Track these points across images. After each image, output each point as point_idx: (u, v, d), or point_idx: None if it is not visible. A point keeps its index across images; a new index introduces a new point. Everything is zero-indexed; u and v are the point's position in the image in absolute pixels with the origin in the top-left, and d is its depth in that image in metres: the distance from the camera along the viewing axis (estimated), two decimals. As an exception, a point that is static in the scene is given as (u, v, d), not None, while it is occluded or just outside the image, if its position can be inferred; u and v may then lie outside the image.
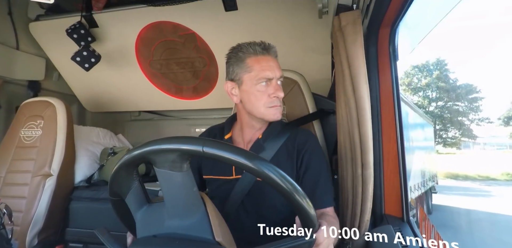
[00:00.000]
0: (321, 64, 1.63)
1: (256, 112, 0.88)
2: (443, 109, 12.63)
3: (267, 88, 0.86)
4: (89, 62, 1.62)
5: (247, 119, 0.93)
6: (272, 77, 0.86)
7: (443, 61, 13.25)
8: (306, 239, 0.46)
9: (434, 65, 13.26)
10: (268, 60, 0.86)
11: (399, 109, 0.99)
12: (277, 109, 0.88)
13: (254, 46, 0.86)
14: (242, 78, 0.87)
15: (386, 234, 0.56)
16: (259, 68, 0.85)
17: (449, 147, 12.05)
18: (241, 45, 0.88)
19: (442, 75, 13.12)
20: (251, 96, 0.87)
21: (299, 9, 1.42)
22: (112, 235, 0.56)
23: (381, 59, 1.01)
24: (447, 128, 12.34)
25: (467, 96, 12.01)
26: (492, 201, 7.13)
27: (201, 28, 1.62)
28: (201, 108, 2.09)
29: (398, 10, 0.87)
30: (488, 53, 24.25)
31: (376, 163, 0.95)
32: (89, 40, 1.61)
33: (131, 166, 0.53)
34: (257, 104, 0.87)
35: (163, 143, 0.47)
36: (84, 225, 1.55)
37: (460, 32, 25.49)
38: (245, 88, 0.87)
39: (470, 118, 11.71)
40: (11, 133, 1.62)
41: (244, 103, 0.90)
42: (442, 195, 6.75)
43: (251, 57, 0.86)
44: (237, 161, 0.45)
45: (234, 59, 0.88)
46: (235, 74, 0.89)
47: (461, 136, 11.95)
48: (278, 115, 0.89)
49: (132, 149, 0.50)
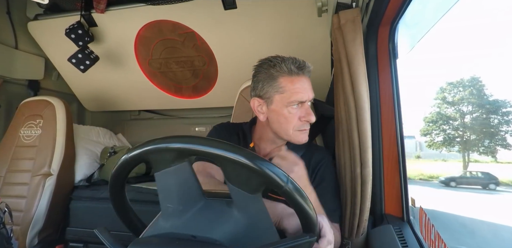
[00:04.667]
0: (320, 62, 1.63)
1: (283, 134, 0.85)
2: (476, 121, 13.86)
3: (298, 110, 0.83)
4: (84, 64, 1.62)
5: (271, 136, 0.90)
6: (305, 100, 0.82)
7: (477, 78, 14.46)
8: (306, 239, 0.46)
9: (468, 82, 14.52)
10: (302, 81, 0.82)
11: (399, 108, 0.99)
12: (306, 132, 0.85)
13: (289, 65, 0.80)
14: (273, 97, 0.83)
15: (386, 233, 0.55)
16: (293, 90, 0.80)
17: (484, 155, 13.77)
18: (274, 61, 0.83)
19: (475, 91, 14.28)
20: (281, 118, 0.83)
21: (298, 7, 1.42)
22: (112, 235, 0.56)
23: (380, 57, 1.00)
24: (482, 138, 13.57)
25: (500, 110, 13.09)
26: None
27: (201, 27, 1.61)
28: (201, 107, 2.09)
29: (398, 8, 0.87)
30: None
31: (376, 162, 0.95)
32: (87, 40, 1.61)
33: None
34: (286, 126, 0.83)
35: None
36: (84, 225, 1.56)
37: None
38: (275, 108, 0.83)
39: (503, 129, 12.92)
40: (10, 133, 1.62)
41: (272, 122, 0.86)
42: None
43: (285, 77, 0.81)
44: (237, 160, 0.45)
45: (265, 75, 0.83)
46: (264, 92, 0.84)
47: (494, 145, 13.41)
48: (306, 139, 0.86)
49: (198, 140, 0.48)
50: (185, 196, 0.53)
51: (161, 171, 0.52)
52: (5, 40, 1.74)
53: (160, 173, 0.53)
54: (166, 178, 0.53)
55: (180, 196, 0.53)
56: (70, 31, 1.55)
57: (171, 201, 0.53)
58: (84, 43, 1.60)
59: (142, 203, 1.42)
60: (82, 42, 1.60)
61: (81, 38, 1.59)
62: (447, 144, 16.48)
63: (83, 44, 1.60)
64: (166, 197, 0.54)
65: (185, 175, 0.53)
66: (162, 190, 0.54)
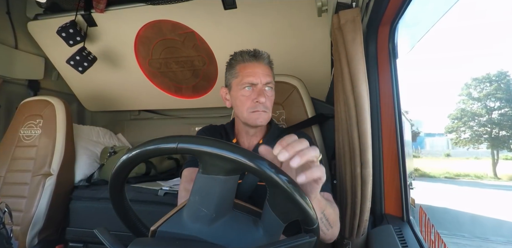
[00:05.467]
0: (320, 62, 1.63)
1: (241, 116, 0.91)
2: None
3: (251, 93, 0.88)
4: (82, 66, 1.63)
5: (242, 125, 0.95)
6: (256, 83, 0.88)
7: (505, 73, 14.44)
8: (306, 239, 0.46)
9: (495, 77, 14.48)
10: (255, 66, 0.89)
11: (399, 107, 0.99)
12: (260, 114, 0.88)
13: (244, 54, 0.90)
14: (231, 83, 0.92)
15: (386, 233, 0.55)
16: (244, 74, 0.88)
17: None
18: (236, 53, 0.93)
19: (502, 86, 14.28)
20: (237, 101, 0.90)
21: (298, 7, 1.42)
22: (112, 235, 0.56)
23: (380, 57, 1.00)
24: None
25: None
26: None
27: (200, 26, 1.61)
28: (201, 106, 2.09)
29: (398, 7, 0.87)
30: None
31: (376, 162, 0.95)
32: (78, 39, 1.60)
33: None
34: (241, 108, 0.89)
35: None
36: (84, 225, 1.55)
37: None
38: (233, 93, 0.92)
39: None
40: (10, 133, 1.62)
41: (234, 108, 0.93)
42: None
43: (240, 64, 0.90)
44: (237, 160, 0.45)
45: (228, 66, 0.94)
46: (227, 80, 0.94)
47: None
48: (261, 120, 0.88)
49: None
50: (221, 206, 0.53)
51: (210, 176, 0.50)
52: (5, 40, 1.74)
53: (208, 177, 0.51)
54: (212, 184, 0.51)
55: (219, 204, 0.52)
56: (62, 30, 1.56)
57: (207, 206, 0.52)
58: (74, 42, 1.60)
59: (142, 203, 1.42)
60: (73, 41, 1.59)
61: (72, 37, 1.58)
62: (474, 141, 16.31)
63: (73, 43, 1.60)
64: (203, 201, 0.52)
65: (231, 187, 0.52)
66: (201, 193, 0.52)
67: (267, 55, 0.92)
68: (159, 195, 1.41)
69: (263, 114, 0.88)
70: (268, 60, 0.92)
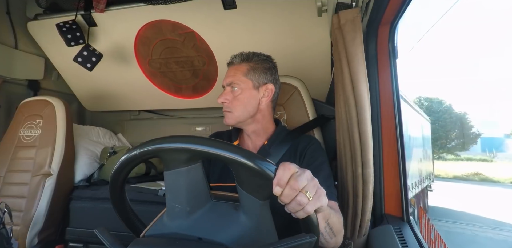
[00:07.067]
0: (320, 62, 1.63)
1: None
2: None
3: None
4: (91, 61, 1.60)
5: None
6: (223, 85, 0.94)
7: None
8: (306, 239, 0.46)
9: None
10: (230, 70, 0.94)
11: (399, 107, 0.99)
12: (225, 114, 0.92)
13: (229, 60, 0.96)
14: None
15: (386, 233, 0.55)
16: None
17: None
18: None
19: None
20: None
21: (298, 7, 1.42)
22: (112, 235, 0.56)
23: (380, 57, 1.00)
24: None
25: None
26: None
27: (200, 27, 1.61)
28: (201, 107, 2.09)
29: (398, 7, 0.87)
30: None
31: (376, 162, 0.95)
32: (80, 42, 1.59)
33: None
34: None
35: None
36: (84, 225, 1.55)
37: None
38: None
39: None
40: (10, 133, 1.62)
41: None
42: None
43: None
44: (239, 161, 0.45)
45: None
46: None
47: None
48: (225, 120, 0.92)
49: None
50: (194, 197, 0.53)
51: (172, 170, 0.51)
52: (5, 40, 1.74)
53: (171, 172, 0.52)
54: (176, 178, 0.52)
55: (189, 197, 0.52)
56: (63, 26, 1.55)
57: (179, 201, 0.53)
58: (76, 43, 1.58)
59: (142, 203, 1.42)
60: (75, 42, 1.58)
61: (76, 37, 1.57)
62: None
63: (75, 44, 1.58)
64: (174, 197, 0.53)
65: (197, 176, 0.52)
66: (171, 190, 0.54)
67: (245, 53, 0.94)
68: (159, 195, 1.41)
69: (227, 114, 0.92)
70: (241, 57, 0.94)
